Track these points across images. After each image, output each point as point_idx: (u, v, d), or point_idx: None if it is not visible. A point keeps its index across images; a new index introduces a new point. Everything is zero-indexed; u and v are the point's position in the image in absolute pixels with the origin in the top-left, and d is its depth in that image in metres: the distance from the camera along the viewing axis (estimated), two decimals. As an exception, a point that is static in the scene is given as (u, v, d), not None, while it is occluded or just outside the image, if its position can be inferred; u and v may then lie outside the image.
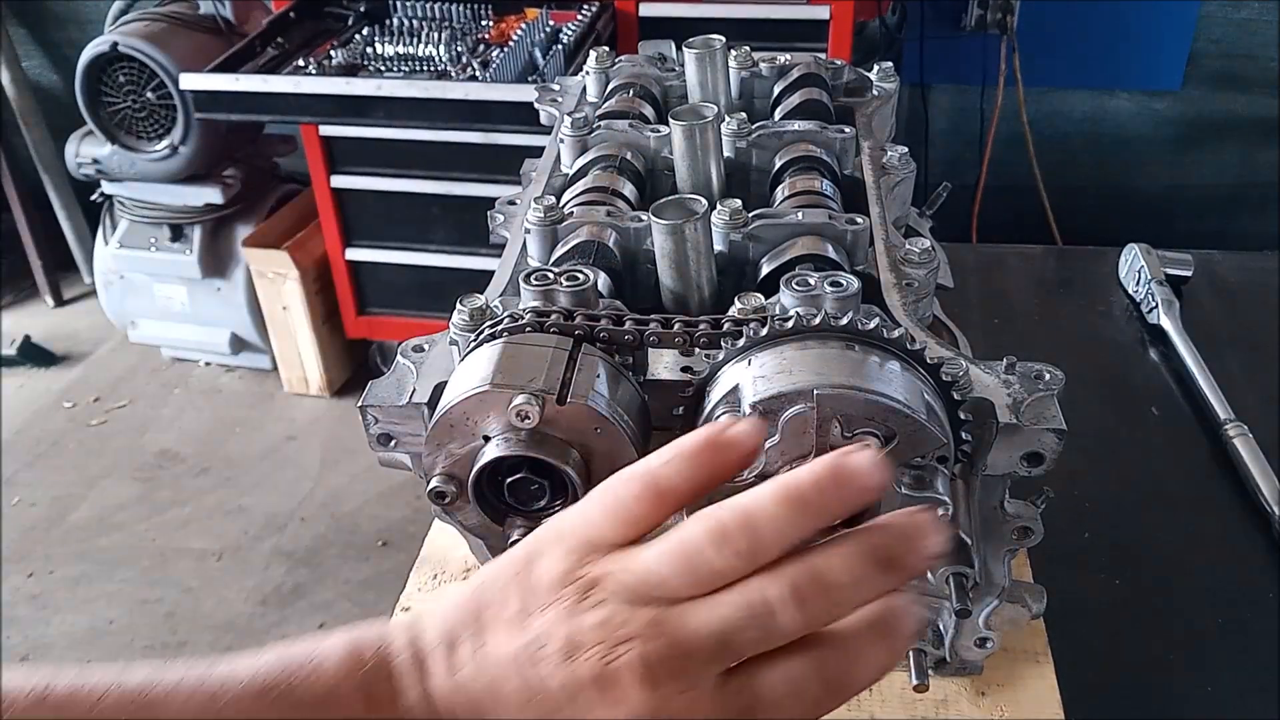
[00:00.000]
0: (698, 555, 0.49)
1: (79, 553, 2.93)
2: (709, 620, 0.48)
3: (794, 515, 0.49)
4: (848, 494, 0.50)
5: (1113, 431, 1.31)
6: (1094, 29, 3.30)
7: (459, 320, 0.74)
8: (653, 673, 0.48)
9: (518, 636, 0.50)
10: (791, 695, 0.49)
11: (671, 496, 0.51)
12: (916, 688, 0.88)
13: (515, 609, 0.51)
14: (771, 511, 0.49)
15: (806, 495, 0.49)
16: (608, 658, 0.48)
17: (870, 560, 0.49)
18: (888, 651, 0.51)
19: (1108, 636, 1.04)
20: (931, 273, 0.85)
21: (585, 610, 0.49)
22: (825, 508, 0.50)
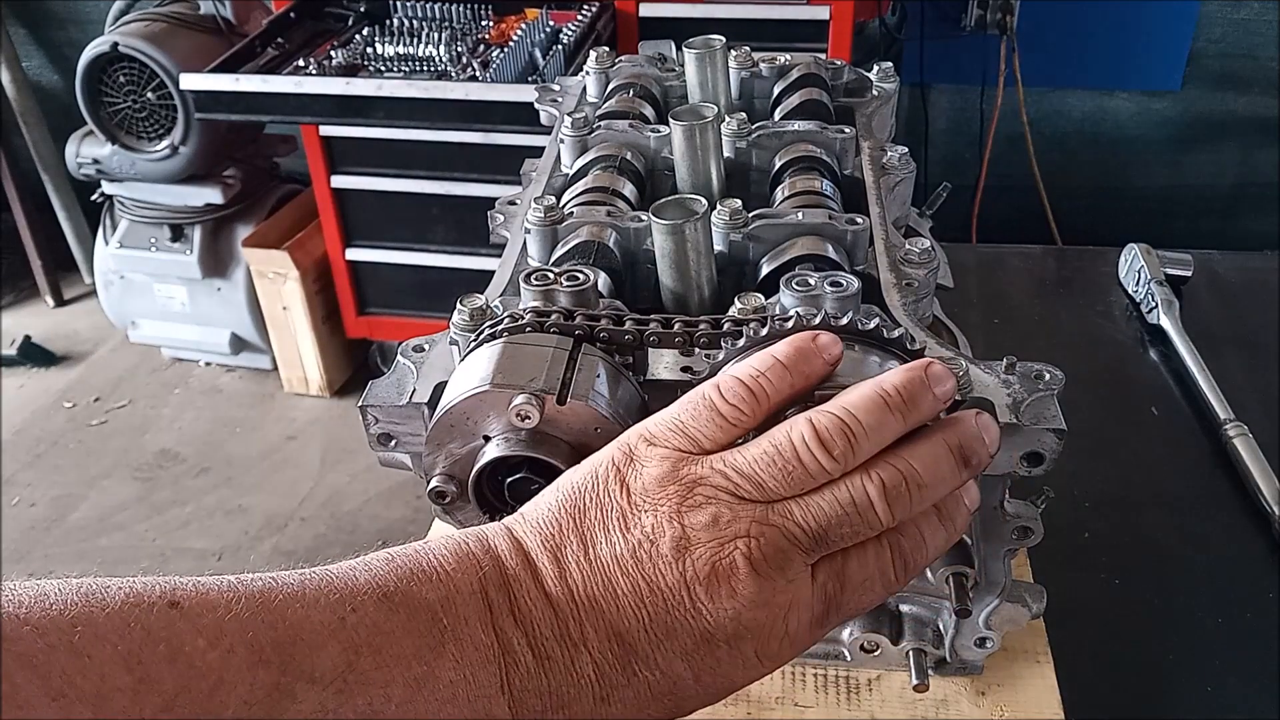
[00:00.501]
0: (800, 456, 0.52)
1: (79, 553, 2.93)
2: (811, 514, 0.52)
3: (887, 418, 0.54)
4: (935, 397, 0.55)
5: (1113, 431, 1.31)
6: (1094, 29, 3.30)
7: (459, 320, 0.74)
8: (760, 566, 0.51)
9: (625, 537, 0.52)
10: (871, 579, 0.54)
11: (764, 401, 0.55)
12: (916, 688, 0.88)
13: (617, 512, 0.53)
14: (867, 416, 0.53)
15: (899, 400, 0.54)
16: (719, 554, 0.51)
17: (951, 455, 0.55)
18: (950, 533, 0.57)
19: (1108, 636, 1.04)
20: (931, 273, 0.85)
21: (693, 509, 0.51)
22: (915, 411, 0.55)
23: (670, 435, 0.55)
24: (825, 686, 0.93)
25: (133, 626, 0.44)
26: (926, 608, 0.90)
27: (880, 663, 0.93)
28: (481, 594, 0.51)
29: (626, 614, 0.51)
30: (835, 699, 0.92)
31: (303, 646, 0.46)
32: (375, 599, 0.49)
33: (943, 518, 0.56)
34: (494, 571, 0.52)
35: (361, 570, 0.51)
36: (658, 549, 0.51)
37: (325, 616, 0.48)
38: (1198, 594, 1.09)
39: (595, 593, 0.51)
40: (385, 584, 0.50)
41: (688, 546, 0.51)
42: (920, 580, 0.85)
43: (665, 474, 0.53)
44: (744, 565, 0.51)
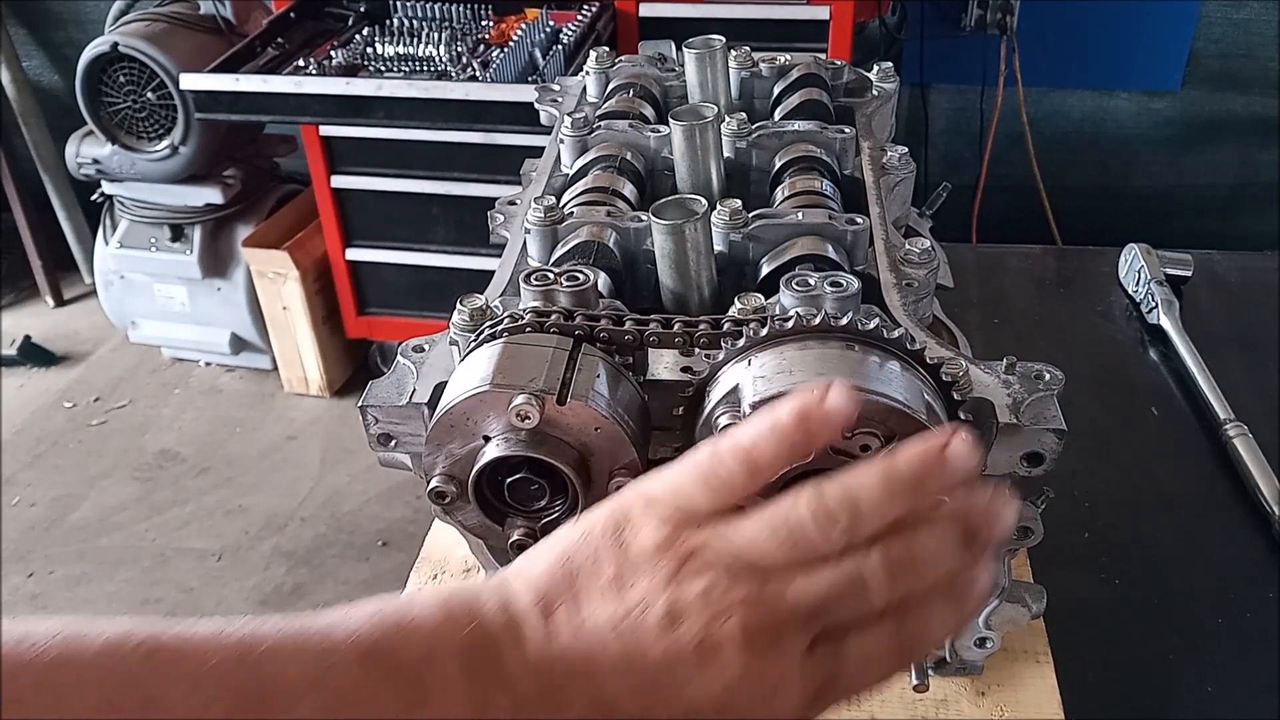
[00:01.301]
0: (800, 530, 0.50)
1: (79, 553, 2.93)
2: (808, 590, 0.50)
3: (895, 497, 0.51)
4: (946, 478, 0.52)
5: (1113, 431, 1.31)
6: (1094, 29, 3.30)
7: (459, 320, 0.74)
8: (753, 642, 0.49)
9: (617, 603, 0.50)
10: (871, 661, 0.52)
11: (765, 468, 0.53)
12: (916, 688, 0.88)
13: (611, 575, 0.51)
14: (874, 493, 0.51)
15: (908, 479, 0.51)
16: (710, 626, 0.49)
17: (957, 538, 0.52)
18: (957, 615, 0.53)
19: (1108, 636, 1.04)
20: (931, 273, 0.85)
21: (687, 579, 0.50)
22: (924, 491, 0.52)
23: (669, 499, 0.53)
24: (825, 686, 0.93)
25: (111, 672, 0.44)
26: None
27: (880, 663, 0.93)
28: (464, 655, 0.50)
29: (612, 681, 0.50)
30: (835, 699, 0.92)
31: (279, 701, 0.46)
32: (355, 655, 0.48)
33: (951, 598, 0.53)
34: (479, 632, 0.51)
35: (344, 624, 0.49)
36: (648, 617, 0.50)
37: (304, 671, 0.47)
38: (1198, 594, 1.09)
39: (582, 657, 0.50)
40: (366, 640, 0.49)
41: (679, 617, 0.49)
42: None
43: (662, 540, 0.51)
44: (735, 639, 0.49)
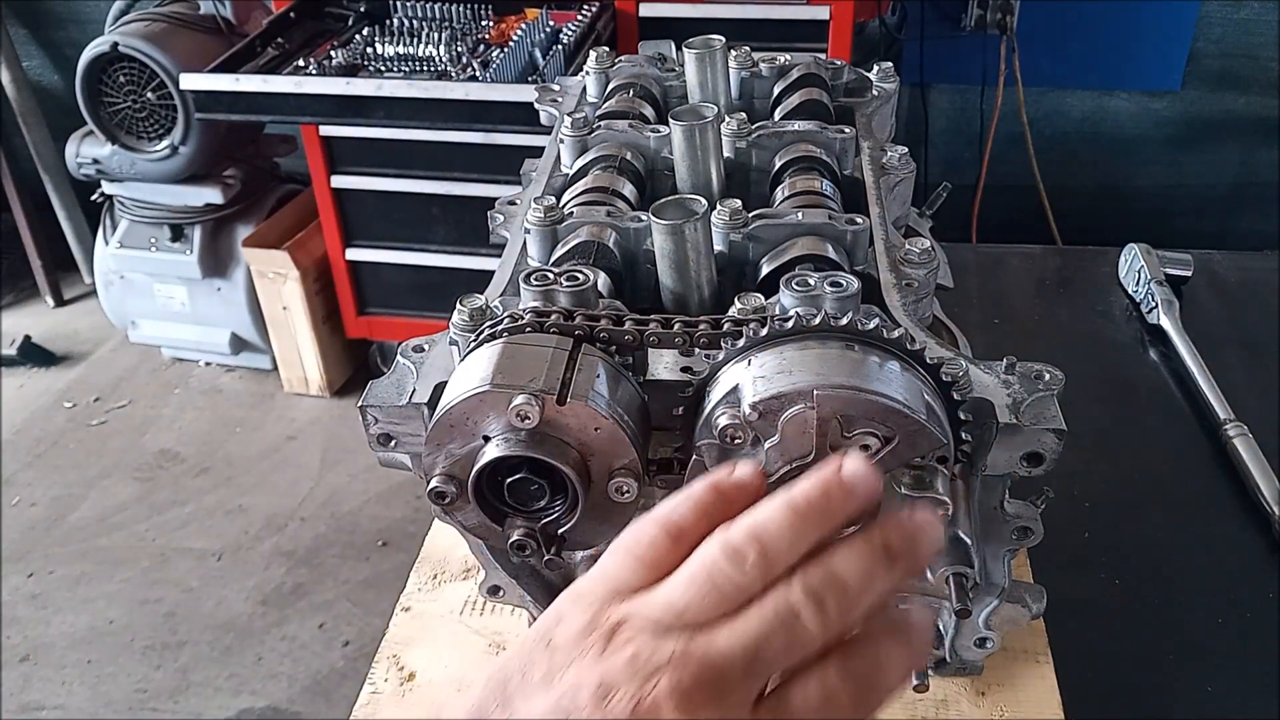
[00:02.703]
0: (715, 574, 0.50)
1: (79, 553, 2.93)
2: (736, 636, 0.49)
3: (800, 524, 0.51)
4: (847, 501, 0.52)
5: (1113, 431, 1.31)
6: (1094, 29, 3.30)
7: (459, 320, 0.74)
8: (689, 699, 0.47)
9: (549, 695, 0.49)
10: (823, 706, 0.50)
11: (686, 537, 0.52)
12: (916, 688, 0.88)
13: (541, 672, 0.50)
14: (779, 523, 0.51)
15: (809, 505, 0.51)
16: (642, 691, 0.47)
17: (876, 556, 0.51)
18: (907, 652, 0.52)
19: (1108, 636, 1.04)
20: (931, 273, 0.85)
21: (613, 652, 0.49)
22: (828, 515, 0.52)
23: (597, 584, 0.52)
24: (825, 686, 0.93)
25: None
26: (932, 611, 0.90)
27: (880, 663, 0.93)
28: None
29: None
30: (835, 699, 0.92)
31: None
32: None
33: (895, 634, 0.52)
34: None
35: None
36: (580, 698, 0.48)
37: None
38: (1198, 594, 1.09)
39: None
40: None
41: (610, 689, 0.48)
42: (920, 580, 0.86)
43: (587, 623, 0.50)
44: (668, 700, 0.47)
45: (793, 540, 0.51)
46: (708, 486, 0.54)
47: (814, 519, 0.51)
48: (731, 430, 0.64)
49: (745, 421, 0.64)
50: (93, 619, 2.71)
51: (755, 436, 0.64)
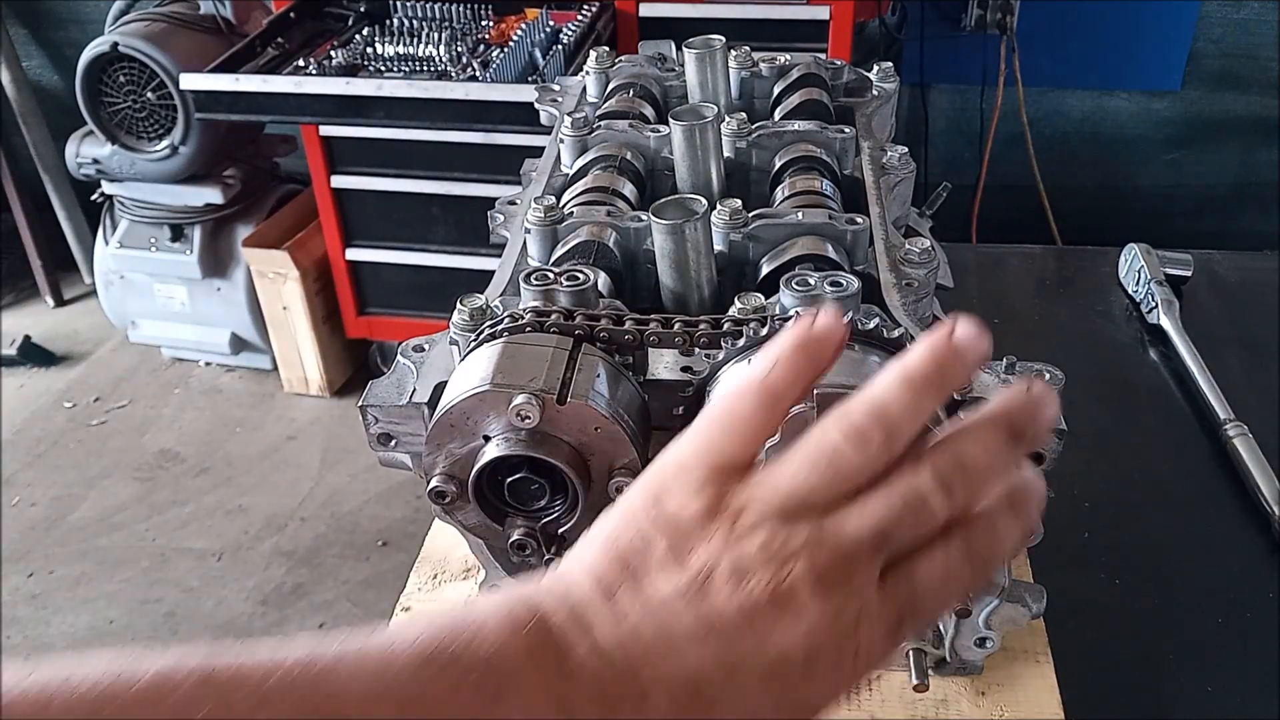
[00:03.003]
0: (838, 457, 0.50)
1: (79, 553, 2.93)
2: (866, 520, 0.49)
3: (919, 396, 0.51)
4: (961, 370, 0.53)
5: (1113, 431, 1.31)
6: (1094, 29, 3.30)
7: (459, 320, 0.74)
8: (824, 582, 0.48)
9: (679, 574, 0.49)
10: (945, 581, 0.51)
11: (785, 399, 0.53)
12: (916, 688, 0.88)
13: (664, 549, 0.50)
14: (898, 397, 0.51)
15: (927, 374, 0.52)
16: (778, 576, 0.48)
17: (1002, 436, 0.52)
18: (1023, 523, 0.53)
19: (1108, 636, 1.04)
20: (931, 273, 0.85)
21: (743, 536, 0.49)
22: (944, 386, 0.52)
23: (699, 458, 0.52)
24: (825, 686, 0.93)
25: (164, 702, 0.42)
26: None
27: (880, 663, 0.93)
28: (533, 650, 0.48)
29: (690, 654, 0.48)
30: (835, 699, 0.92)
31: (349, 712, 0.45)
32: (420, 661, 0.47)
33: (1012, 505, 0.53)
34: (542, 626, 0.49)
35: (403, 634, 0.48)
36: (713, 583, 0.48)
37: (369, 681, 0.46)
38: (1198, 594, 1.09)
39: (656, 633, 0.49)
40: (428, 646, 0.47)
41: (746, 573, 0.48)
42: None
43: (708, 504, 0.50)
44: (805, 584, 0.48)
45: (913, 416, 0.51)
46: (796, 346, 0.53)
47: (931, 391, 0.51)
48: (731, 430, 0.64)
49: (745, 421, 0.64)
50: (93, 619, 2.71)
51: (755, 436, 0.64)
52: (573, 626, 0.49)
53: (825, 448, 0.50)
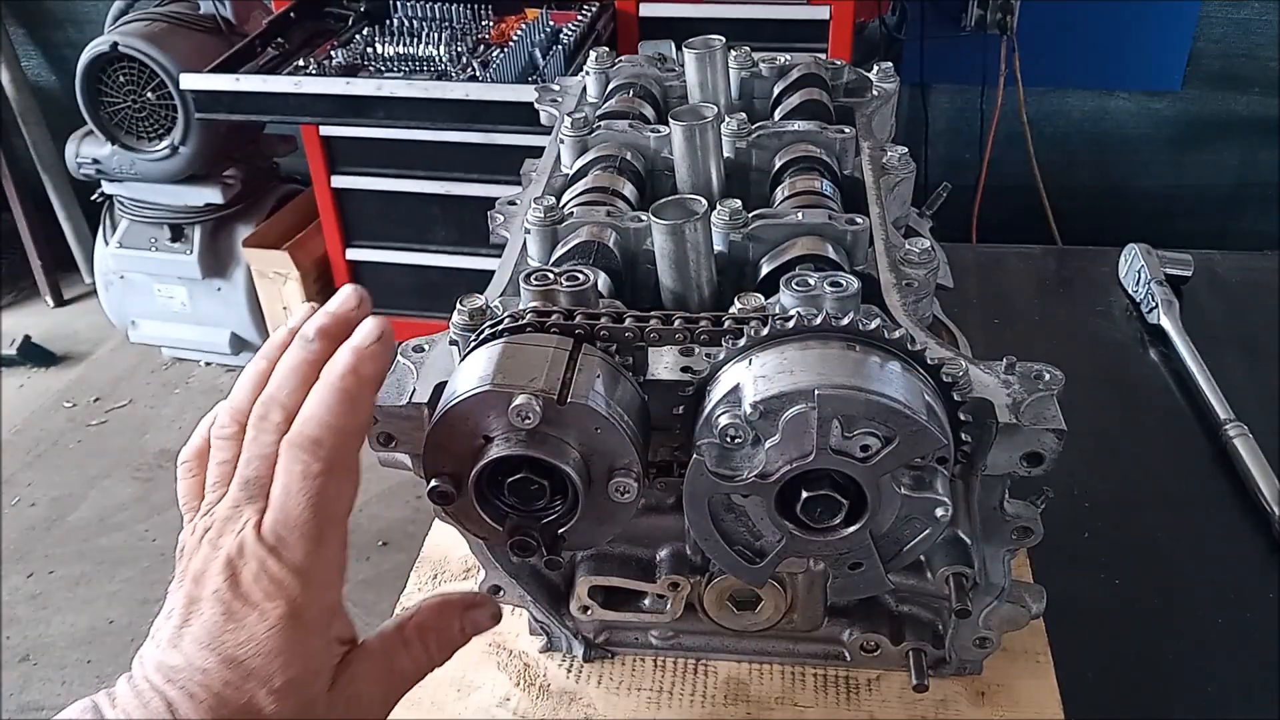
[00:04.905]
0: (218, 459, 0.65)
1: (79, 553, 2.93)
2: (234, 482, 0.63)
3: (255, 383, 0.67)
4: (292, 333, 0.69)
5: (1113, 431, 1.31)
6: (1094, 29, 3.30)
7: (459, 320, 0.74)
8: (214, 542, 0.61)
9: (164, 611, 0.62)
10: (286, 482, 0.61)
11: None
12: (916, 688, 0.88)
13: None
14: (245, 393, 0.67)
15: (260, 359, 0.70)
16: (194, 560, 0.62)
17: (298, 350, 0.66)
18: (328, 392, 0.63)
19: (1108, 636, 1.04)
20: (931, 273, 0.85)
21: (183, 558, 0.63)
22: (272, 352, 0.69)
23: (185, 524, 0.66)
24: (825, 686, 0.93)
25: None
26: (926, 608, 0.90)
27: (880, 663, 0.93)
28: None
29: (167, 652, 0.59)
30: (835, 699, 0.92)
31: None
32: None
33: (320, 382, 0.64)
34: None
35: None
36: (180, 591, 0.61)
37: None
38: (1198, 594, 1.09)
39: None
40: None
41: (184, 577, 0.62)
42: (920, 580, 0.86)
43: (180, 549, 0.64)
44: (206, 551, 0.62)
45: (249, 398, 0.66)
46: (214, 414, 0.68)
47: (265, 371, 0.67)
48: (732, 430, 0.64)
49: (746, 421, 0.64)
50: (93, 619, 2.71)
51: (756, 436, 0.65)
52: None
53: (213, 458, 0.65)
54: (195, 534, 0.62)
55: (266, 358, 0.68)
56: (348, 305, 0.69)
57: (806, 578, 0.88)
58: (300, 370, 0.65)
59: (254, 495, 0.62)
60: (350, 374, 0.64)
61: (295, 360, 0.66)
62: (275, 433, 0.63)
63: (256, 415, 0.64)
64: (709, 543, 0.70)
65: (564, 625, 0.95)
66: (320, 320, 0.67)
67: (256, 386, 0.66)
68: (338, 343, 0.66)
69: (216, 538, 0.61)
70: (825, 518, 0.66)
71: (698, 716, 0.92)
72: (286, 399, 0.64)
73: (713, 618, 0.90)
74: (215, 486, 0.64)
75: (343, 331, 0.67)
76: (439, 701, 0.93)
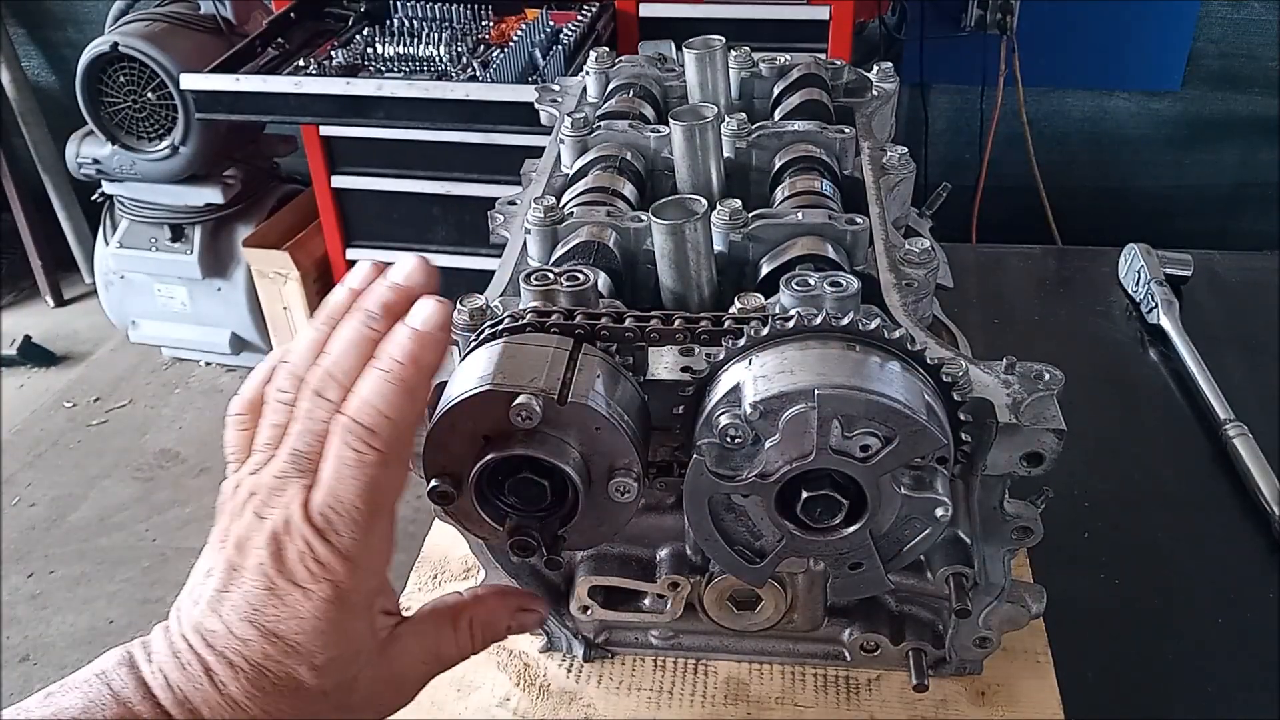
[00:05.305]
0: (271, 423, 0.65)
1: (79, 553, 2.93)
2: (280, 453, 0.62)
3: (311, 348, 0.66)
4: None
5: (1113, 431, 1.31)
6: (1094, 29, 3.30)
7: (459, 320, 0.74)
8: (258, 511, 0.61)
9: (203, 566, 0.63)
10: (334, 461, 0.60)
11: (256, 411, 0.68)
12: (916, 688, 0.88)
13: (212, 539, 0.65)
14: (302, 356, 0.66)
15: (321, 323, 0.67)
16: (238, 524, 0.62)
17: (357, 325, 0.64)
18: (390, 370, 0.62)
19: (1108, 636, 1.04)
20: (931, 273, 0.85)
21: (224, 512, 0.65)
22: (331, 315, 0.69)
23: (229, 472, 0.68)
24: (825, 686, 0.93)
25: None
26: (926, 608, 0.90)
27: (880, 663, 0.93)
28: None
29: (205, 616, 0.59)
30: (835, 699, 0.92)
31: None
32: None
33: (376, 366, 0.62)
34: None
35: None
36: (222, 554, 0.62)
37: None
38: (1198, 594, 1.09)
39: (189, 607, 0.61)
40: None
41: (225, 538, 0.63)
42: (920, 580, 0.86)
43: (222, 499, 0.65)
44: (251, 519, 0.62)
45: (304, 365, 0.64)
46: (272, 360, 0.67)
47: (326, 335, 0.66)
48: (732, 430, 0.64)
49: (746, 421, 0.64)
50: (93, 619, 2.71)
51: (755, 435, 0.65)
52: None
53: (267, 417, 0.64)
54: (240, 492, 0.62)
55: (327, 321, 0.66)
56: (414, 279, 0.66)
57: (806, 578, 0.88)
58: (360, 347, 0.63)
59: (302, 469, 0.61)
60: (411, 363, 0.62)
61: (356, 335, 0.64)
62: (329, 410, 0.61)
63: (311, 387, 0.62)
64: (709, 543, 0.70)
65: (564, 625, 0.95)
66: (385, 294, 0.65)
67: (315, 351, 0.64)
68: (400, 319, 0.64)
69: (262, 506, 0.60)
70: (825, 518, 0.66)
71: (698, 716, 0.92)
72: (344, 377, 0.62)
73: (713, 618, 0.90)
74: (265, 447, 0.63)
75: (407, 308, 0.65)
76: (439, 701, 0.93)
